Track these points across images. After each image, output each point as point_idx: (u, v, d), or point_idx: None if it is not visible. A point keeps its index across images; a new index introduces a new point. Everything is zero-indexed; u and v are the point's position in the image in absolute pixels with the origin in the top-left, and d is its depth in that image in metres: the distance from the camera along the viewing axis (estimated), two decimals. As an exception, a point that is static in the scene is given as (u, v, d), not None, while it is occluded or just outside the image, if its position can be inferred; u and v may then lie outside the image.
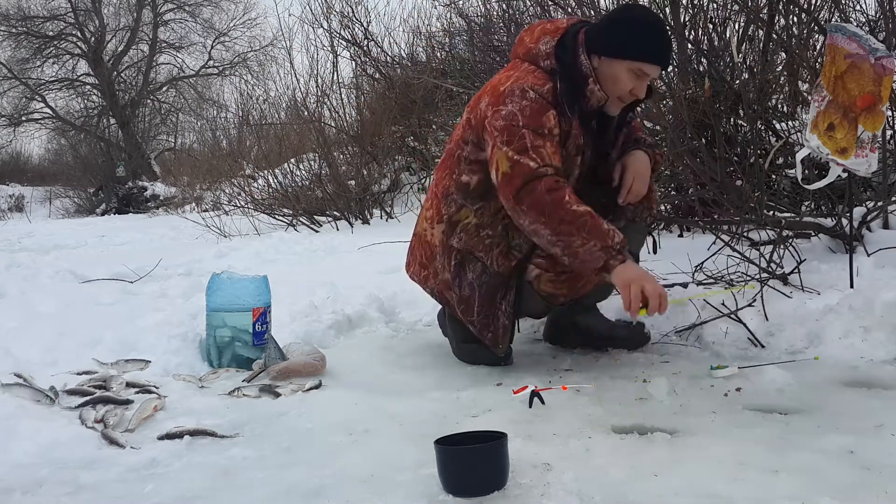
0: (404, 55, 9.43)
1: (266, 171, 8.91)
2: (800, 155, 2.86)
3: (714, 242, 3.63)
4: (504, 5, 6.40)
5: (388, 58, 9.35)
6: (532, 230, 2.40)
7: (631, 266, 2.36)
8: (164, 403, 2.25)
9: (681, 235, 4.45)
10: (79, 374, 2.54)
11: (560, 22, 2.58)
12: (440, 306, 2.87)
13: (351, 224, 7.65)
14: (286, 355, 2.62)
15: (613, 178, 2.61)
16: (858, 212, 3.28)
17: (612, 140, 2.64)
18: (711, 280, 3.20)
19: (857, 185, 3.42)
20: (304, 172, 8.52)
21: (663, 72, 2.52)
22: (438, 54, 8.77)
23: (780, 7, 3.58)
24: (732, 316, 2.83)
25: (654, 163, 2.69)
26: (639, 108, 2.75)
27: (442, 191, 2.63)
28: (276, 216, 8.44)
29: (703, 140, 3.81)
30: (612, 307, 2.99)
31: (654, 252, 3.01)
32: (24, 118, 25.37)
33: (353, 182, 8.02)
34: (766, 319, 2.80)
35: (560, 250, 2.37)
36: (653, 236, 2.99)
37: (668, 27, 2.53)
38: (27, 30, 23.90)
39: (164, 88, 26.33)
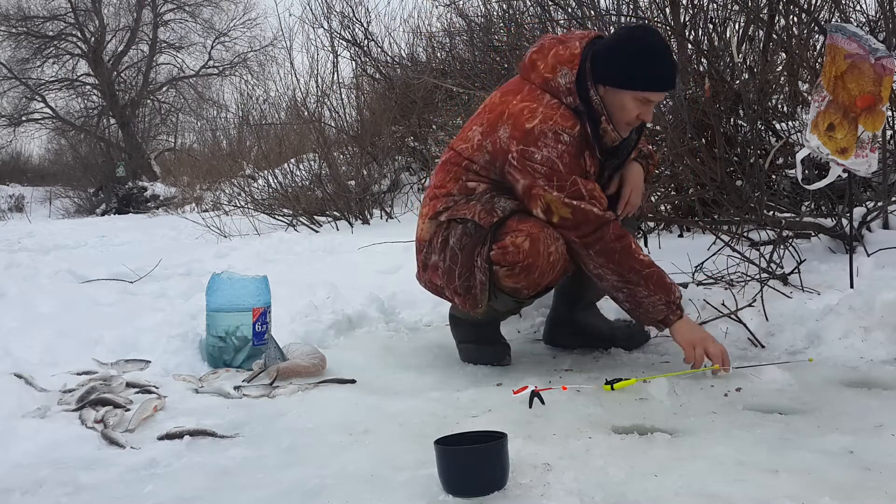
0: (404, 55, 9.44)
1: (266, 171, 8.91)
2: (800, 155, 2.86)
3: (714, 242, 3.64)
4: (504, 5, 6.41)
5: (388, 58, 9.36)
6: (597, 273, 2.47)
7: (690, 324, 2.49)
8: (164, 403, 2.25)
9: (681, 235, 4.45)
10: (79, 374, 2.54)
11: (573, 45, 2.50)
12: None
13: (351, 224, 7.64)
14: (286, 355, 2.62)
15: (610, 188, 2.61)
16: (858, 212, 3.28)
17: (624, 155, 2.64)
18: (711, 280, 3.20)
19: (857, 186, 3.42)
20: (304, 172, 8.52)
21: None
22: (438, 54, 8.77)
23: (780, 7, 3.58)
24: (732, 316, 2.83)
25: (647, 173, 2.75)
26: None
27: (444, 192, 2.61)
28: (276, 216, 8.44)
29: (703, 140, 3.81)
30: (611, 307, 2.99)
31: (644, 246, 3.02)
32: (24, 118, 25.40)
33: (353, 182, 8.02)
34: (767, 319, 2.80)
35: (623, 296, 2.46)
36: (644, 233, 2.99)
37: (668, 46, 2.51)
38: (27, 30, 23.92)
39: (164, 88, 26.35)
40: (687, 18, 3.91)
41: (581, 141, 2.44)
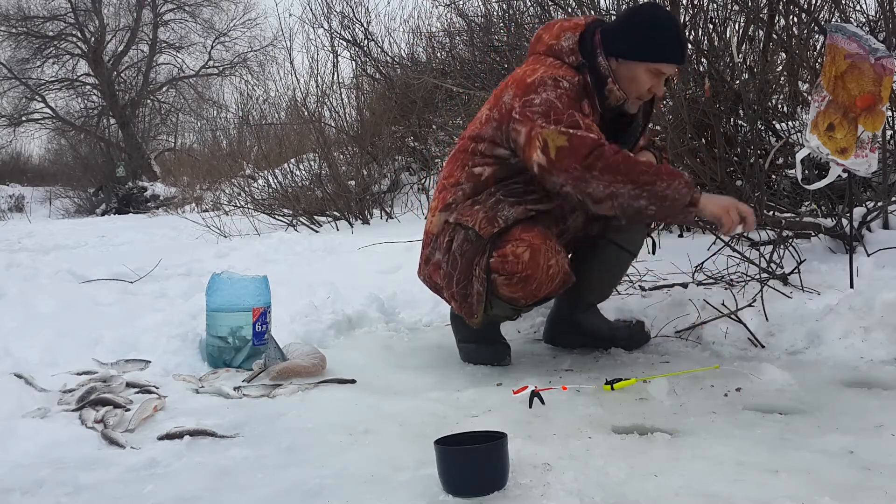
0: (404, 55, 9.44)
1: (266, 171, 8.91)
2: (800, 155, 2.86)
3: (714, 242, 3.63)
4: (504, 5, 6.41)
5: (388, 58, 9.36)
6: (609, 193, 2.33)
7: (711, 195, 2.44)
8: (164, 403, 2.25)
9: (681, 235, 4.45)
10: (79, 374, 2.54)
11: (578, 19, 2.62)
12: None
13: (351, 224, 7.65)
14: (286, 355, 2.62)
15: None
16: (858, 212, 3.28)
17: (632, 140, 2.66)
18: (711, 280, 3.20)
19: (857, 185, 3.42)
20: (304, 172, 8.52)
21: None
22: (438, 54, 8.78)
23: (780, 7, 3.58)
24: (732, 316, 2.82)
25: (662, 165, 2.73)
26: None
27: (452, 182, 2.62)
28: (276, 216, 8.44)
29: (703, 140, 3.81)
30: (611, 307, 2.99)
31: (654, 252, 3.01)
32: (24, 118, 25.40)
33: (353, 182, 8.02)
34: (767, 319, 2.80)
35: (646, 200, 2.33)
36: (652, 237, 3.00)
37: (679, 23, 2.57)
38: (27, 30, 23.92)
39: (164, 88, 26.36)
40: (687, 18, 3.91)
41: (580, 89, 2.47)
